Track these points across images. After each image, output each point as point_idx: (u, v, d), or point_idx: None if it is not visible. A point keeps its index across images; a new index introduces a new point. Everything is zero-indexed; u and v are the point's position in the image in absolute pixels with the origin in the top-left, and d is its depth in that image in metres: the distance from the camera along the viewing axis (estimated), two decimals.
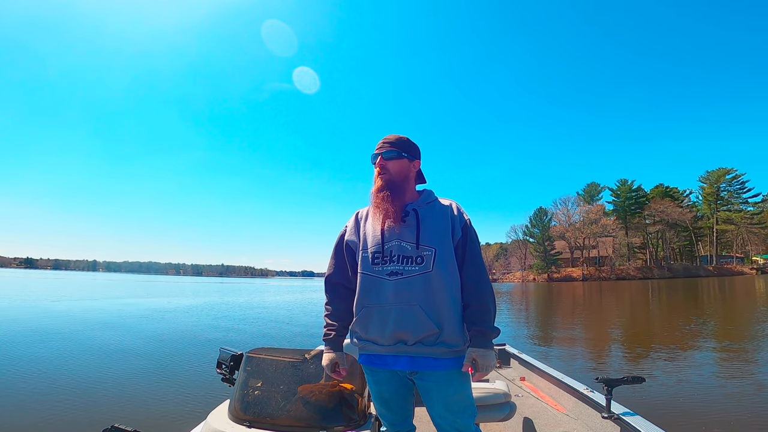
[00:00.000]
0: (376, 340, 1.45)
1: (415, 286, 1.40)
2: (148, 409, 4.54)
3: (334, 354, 1.55)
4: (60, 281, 50.06)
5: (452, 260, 1.45)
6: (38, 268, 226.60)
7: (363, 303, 1.47)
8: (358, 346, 1.53)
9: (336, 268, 1.61)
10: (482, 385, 2.43)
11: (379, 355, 1.47)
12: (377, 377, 1.52)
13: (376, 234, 1.49)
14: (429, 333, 1.39)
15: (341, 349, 1.58)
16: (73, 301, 20.17)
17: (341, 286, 1.59)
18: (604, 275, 62.46)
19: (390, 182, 1.51)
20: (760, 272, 59.76)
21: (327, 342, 1.57)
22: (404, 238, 1.45)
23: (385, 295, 1.42)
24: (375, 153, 1.56)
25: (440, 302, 1.40)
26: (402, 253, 1.43)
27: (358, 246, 1.55)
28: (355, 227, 1.59)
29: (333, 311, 1.58)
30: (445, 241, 1.45)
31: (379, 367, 1.49)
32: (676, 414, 4.29)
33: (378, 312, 1.43)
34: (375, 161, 1.56)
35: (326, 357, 1.55)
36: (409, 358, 1.42)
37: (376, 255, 1.47)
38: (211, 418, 1.72)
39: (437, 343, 1.40)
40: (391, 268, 1.43)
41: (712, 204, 67.43)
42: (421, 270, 1.41)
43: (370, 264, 1.47)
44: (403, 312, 1.39)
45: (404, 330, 1.39)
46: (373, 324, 1.45)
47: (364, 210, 1.63)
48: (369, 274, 1.47)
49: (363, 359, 1.54)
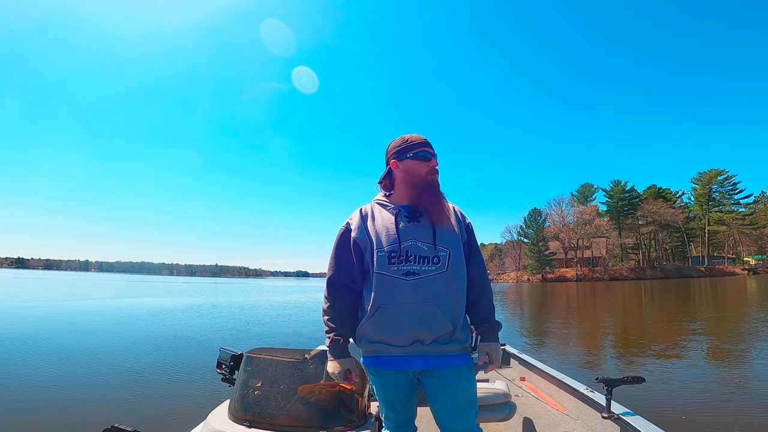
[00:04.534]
0: (390, 341, 1.42)
1: (432, 286, 1.41)
2: (148, 409, 4.52)
3: (346, 360, 1.50)
4: (49, 282, 49.54)
5: (463, 261, 1.50)
6: (29, 268, 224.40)
7: (378, 303, 1.42)
8: (369, 349, 1.48)
9: (340, 268, 1.53)
10: (482, 385, 2.42)
11: (391, 357, 1.44)
12: (385, 379, 1.49)
13: (391, 233, 1.46)
14: (445, 332, 1.41)
15: (350, 355, 1.53)
16: (70, 302, 19.99)
17: (346, 287, 1.52)
18: (597, 276, 62.87)
19: (438, 184, 1.56)
20: (751, 273, 60.46)
21: (336, 348, 1.49)
22: (420, 238, 1.45)
23: (402, 295, 1.40)
24: (426, 152, 1.54)
25: (455, 301, 1.44)
26: (418, 253, 1.43)
27: (368, 245, 1.48)
28: (362, 225, 1.53)
29: (339, 315, 1.50)
30: (456, 242, 1.49)
31: (389, 368, 1.46)
32: (676, 414, 4.31)
33: (394, 312, 1.41)
34: (426, 159, 1.54)
35: (336, 364, 1.48)
36: (424, 358, 1.42)
37: (393, 254, 1.43)
38: (211, 418, 1.71)
39: (451, 341, 1.43)
40: (408, 267, 1.41)
41: (704, 205, 68.13)
42: (437, 270, 1.42)
43: (387, 263, 1.43)
44: (421, 312, 1.39)
45: (422, 330, 1.40)
46: (388, 325, 1.41)
47: (367, 207, 1.60)
48: (386, 273, 1.42)
49: (372, 361, 1.49)
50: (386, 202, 1.57)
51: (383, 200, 1.58)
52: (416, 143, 1.55)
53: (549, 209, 70.98)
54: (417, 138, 1.57)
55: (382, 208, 1.56)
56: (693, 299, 22.69)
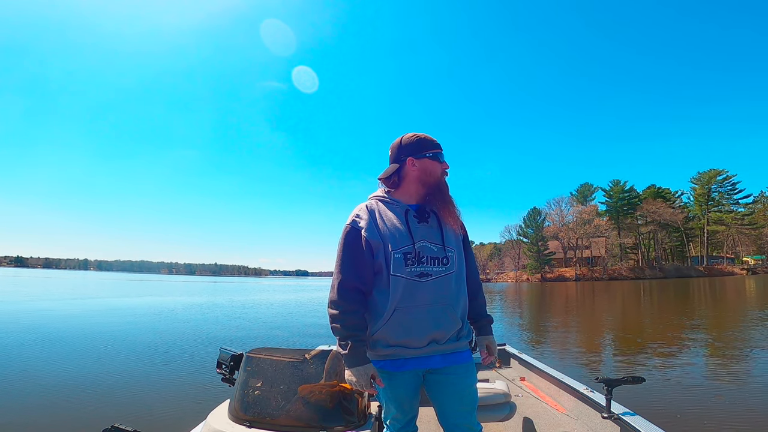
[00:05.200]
0: (409, 343, 1.41)
1: (444, 286, 1.44)
2: (148, 409, 4.51)
3: (369, 366, 1.39)
4: (50, 281, 49.49)
5: (464, 259, 1.56)
6: (29, 266, 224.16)
7: (395, 306, 1.39)
8: (384, 353, 1.43)
9: (355, 271, 1.42)
10: (482, 385, 2.41)
11: (407, 359, 1.43)
12: (395, 381, 1.46)
13: (403, 234, 1.43)
14: (456, 329, 1.47)
15: (370, 360, 1.42)
16: (69, 301, 19.95)
17: (359, 291, 1.43)
18: (596, 275, 62.93)
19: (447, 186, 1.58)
20: (750, 273, 60.59)
21: (355, 356, 1.37)
22: (430, 239, 1.46)
23: (418, 297, 1.40)
24: (442, 153, 1.55)
25: (463, 299, 1.51)
26: (430, 254, 1.44)
27: (380, 245, 1.42)
28: (372, 224, 1.45)
29: (356, 321, 1.40)
30: (458, 241, 1.55)
31: (402, 369, 1.44)
32: (676, 414, 4.31)
33: (412, 315, 1.40)
34: (439, 160, 1.54)
35: (360, 371, 1.36)
36: (441, 356, 1.45)
37: (408, 256, 1.41)
38: (211, 418, 1.71)
39: (460, 338, 1.49)
40: (421, 269, 1.41)
41: (703, 205, 68.21)
42: (447, 270, 1.45)
43: (403, 265, 1.39)
44: (437, 313, 1.42)
45: (439, 330, 1.43)
46: (406, 327, 1.40)
47: (372, 204, 1.52)
48: (402, 276, 1.39)
49: (385, 365, 1.45)
50: (390, 199, 1.51)
51: (387, 198, 1.52)
52: (434, 143, 1.55)
53: (548, 209, 71.19)
54: (426, 136, 1.56)
55: (387, 206, 1.50)
56: (692, 299, 22.71)
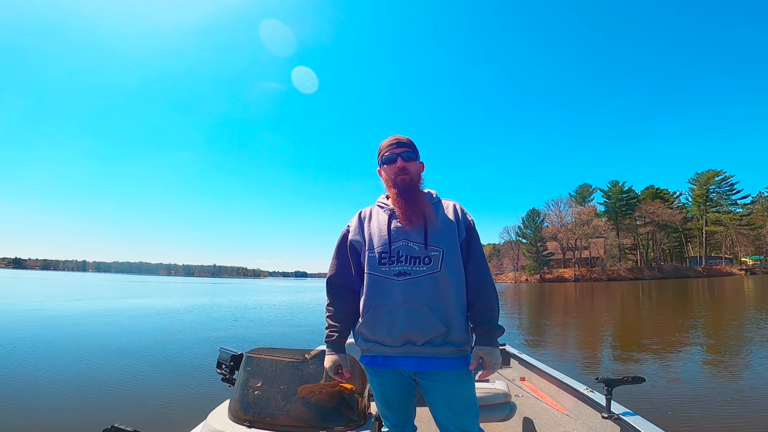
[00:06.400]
0: (384, 341, 1.44)
1: (423, 286, 1.40)
2: (148, 409, 4.52)
3: (337, 356, 1.52)
4: (49, 282, 49.37)
5: (459, 260, 1.47)
6: (27, 268, 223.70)
7: (370, 304, 1.45)
8: (363, 348, 1.51)
9: (338, 269, 1.58)
10: (482, 385, 2.42)
11: (385, 356, 1.46)
12: (381, 378, 1.51)
13: (383, 234, 1.49)
14: (437, 333, 1.40)
15: (344, 351, 1.55)
16: (68, 302, 19.91)
17: (343, 287, 1.57)
18: (595, 276, 62.97)
19: (411, 183, 1.53)
20: (748, 273, 60.73)
21: (329, 344, 1.54)
22: (412, 238, 1.46)
23: (392, 295, 1.42)
24: (392, 153, 1.54)
25: (448, 302, 1.42)
26: (409, 254, 1.43)
27: (363, 246, 1.53)
28: (359, 227, 1.57)
29: (335, 313, 1.55)
30: (451, 241, 1.47)
31: (384, 368, 1.48)
32: (676, 414, 4.31)
33: (386, 313, 1.42)
34: (392, 162, 1.54)
35: (329, 359, 1.53)
36: (417, 359, 1.42)
37: (383, 255, 1.46)
38: (211, 418, 1.71)
39: (445, 344, 1.41)
40: (399, 268, 1.43)
41: (701, 205, 68.36)
42: (429, 270, 1.41)
43: (377, 264, 1.46)
44: (411, 312, 1.39)
45: (413, 331, 1.39)
46: (381, 325, 1.43)
47: (367, 210, 1.62)
48: (376, 274, 1.45)
49: (368, 360, 1.52)
50: (384, 203, 1.58)
51: (383, 202, 1.60)
52: (384, 147, 1.57)
53: (547, 209, 71.17)
54: (387, 141, 1.58)
55: (379, 210, 1.58)
56: (691, 299, 22.76)
